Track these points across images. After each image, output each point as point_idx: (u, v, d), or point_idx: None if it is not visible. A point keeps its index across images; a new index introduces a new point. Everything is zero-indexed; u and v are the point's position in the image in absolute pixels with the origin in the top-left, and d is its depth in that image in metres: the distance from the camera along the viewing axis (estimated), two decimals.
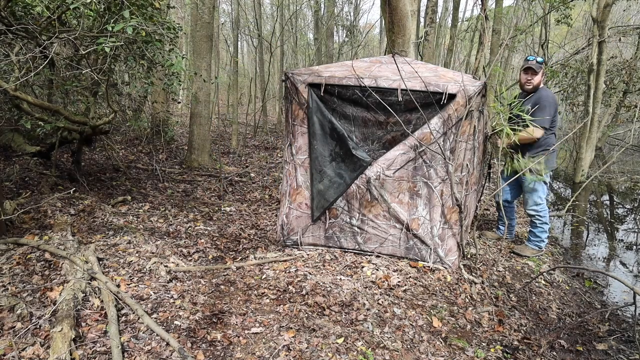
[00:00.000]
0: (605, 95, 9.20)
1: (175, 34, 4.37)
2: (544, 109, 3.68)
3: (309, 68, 3.86)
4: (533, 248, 4.15)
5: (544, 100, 3.72)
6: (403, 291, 3.23)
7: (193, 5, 7.23)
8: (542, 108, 3.68)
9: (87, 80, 4.88)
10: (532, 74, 3.77)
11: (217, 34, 14.87)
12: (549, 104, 3.71)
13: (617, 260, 4.78)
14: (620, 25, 10.74)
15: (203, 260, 3.71)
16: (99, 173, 6.08)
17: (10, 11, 3.62)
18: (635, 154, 10.64)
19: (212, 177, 6.76)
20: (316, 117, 3.62)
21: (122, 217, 4.37)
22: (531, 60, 3.78)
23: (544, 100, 3.72)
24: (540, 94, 3.78)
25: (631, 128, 9.18)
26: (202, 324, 2.70)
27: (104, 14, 3.95)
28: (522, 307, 3.27)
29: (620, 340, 2.97)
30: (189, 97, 10.20)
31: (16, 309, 2.55)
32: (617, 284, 3.94)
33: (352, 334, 2.67)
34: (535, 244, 4.14)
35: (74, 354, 2.27)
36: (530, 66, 3.76)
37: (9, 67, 4.24)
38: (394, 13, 4.25)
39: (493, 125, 3.79)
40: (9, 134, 5.58)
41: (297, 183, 3.82)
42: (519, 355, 2.66)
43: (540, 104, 3.71)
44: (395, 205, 3.58)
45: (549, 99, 3.73)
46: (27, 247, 3.30)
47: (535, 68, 3.73)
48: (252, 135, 11.94)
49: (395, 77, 3.44)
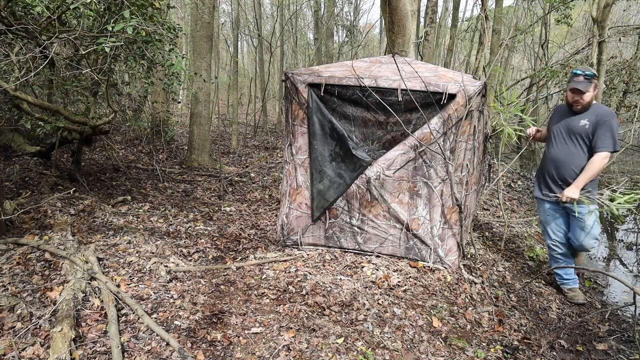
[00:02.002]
0: (605, 95, 9.20)
1: (175, 34, 4.38)
2: (608, 128, 3.06)
3: (309, 68, 3.86)
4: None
5: (604, 118, 3.08)
6: (403, 291, 3.23)
7: (193, 5, 7.23)
8: (606, 127, 3.06)
9: (87, 80, 4.88)
10: (580, 93, 3.14)
11: (217, 34, 14.87)
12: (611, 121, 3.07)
13: (617, 260, 4.78)
14: (620, 25, 10.73)
15: (203, 260, 3.71)
16: (99, 173, 6.08)
17: (10, 11, 3.62)
18: (635, 154, 10.64)
19: (212, 177, 6.76)
20: (316, 117, 3.62)
21: (122, 217, 4.37)
22: (578, 76, 3.13)
23: (604, 117, 3.08)
24: (598, 111, 3.15)
25: (631, 128, 9.17)
26: (202, 324, 2.70)
27: (104, 14, 3.95)
28: (522, 307, 3.27)
29: (620, 340, 2.97)
30: (189, 97, 10.20)
31: (16, 309, 2.55)
32: (617, 284, 3.94)
33: (352, 334, 2.67)
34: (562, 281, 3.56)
35: (74, 354, 2.27)
36: (576, 87, 3.12)
37: (9, 67, 4.24)
38: (394, 13, 4.25)
39: (493, 125, 3.78)
40: (9, 134, 5.58)
41: (297, 183, 3.82)
42: (519, 355, 2.66)
43: (601, 123, 3.08)
44: (395, 205, 3.57)
45: (609, 116, 3.09)
46: (27, 247, 3.30)
47: (582, 88, 3.10)
48: (252, 135, 11.94)
49: (395, 77, 3.44)
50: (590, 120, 3.14)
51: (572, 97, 3.20)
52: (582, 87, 3.10)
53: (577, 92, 3.15)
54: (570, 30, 14.60)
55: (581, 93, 3.13)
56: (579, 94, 3.14)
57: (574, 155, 3.21)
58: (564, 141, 3.28)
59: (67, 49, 5.27)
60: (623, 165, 9.58)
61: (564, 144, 3.28)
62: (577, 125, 3.20)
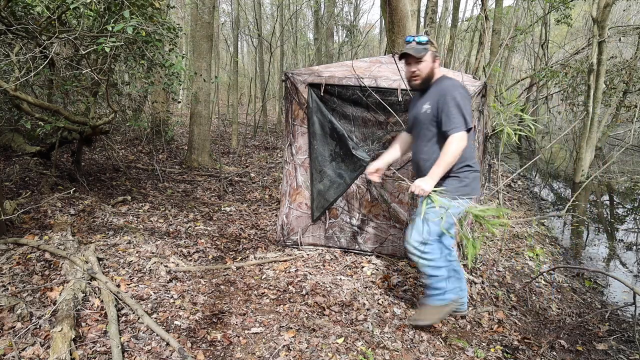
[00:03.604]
0: (605, 95, 9.20)
1: (175, 34, 4.37)
2: (452, 104, 2.42)
3: (309, 68, 3.86)
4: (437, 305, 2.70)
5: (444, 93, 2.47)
6: (403, 291, 3.23)
7: (193, 5, 7.23)
8: (449, 103, 2.43)
9: (87, 80, 4.88)
10: (416, 62, 2.53)
11: (217, 34, 14.87)
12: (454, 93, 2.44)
13: (617, 260, 4.78)
14: (620, 25, 10.74)
15: (203, 260, 3.71)
16: (99, 173, 6.08)
17: (10, 11, 3.62)
18: (635, 154, 10.64)
19: (212, 177, 6.76)
20: (316, 117, 3.62)
21: (122, 217, 4.37)
22: (409, 42, 2.54)
23: (444, 92, 2.47)
24: (438, 88, 2.54)
25: (631, 128, 9.17)
26: (202, 324, 2.70)
27: (104, 14, 3.95)
28: (522, 307, 3.27)
29: (620, 340, 2.97)
30: (189, 97, 10.20)
31: (16, 309, 2.55)
32: (617, 284, 3.94)
33: (352, 334, 2.67)
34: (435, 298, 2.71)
35: (74, 354, 2.27)
36: (407, 52, 2.51)
37: (9, 67, 4.23)
38: (394, 13, 4.25)
39: (493, 125, 3.77)
40: (9, 134, 5.58)
41: (297, 183, 3.83)
42: (519, 355, 2.66)
43: (443, 102, 2.46)
44: (395, 205, 3.57)
45: (450, 89, 2.47)
46: (27, 247, 3.30)
47: (415, 54, 2.49)
48: (252, 135, 11.94)
49: (395, 77, 3.44)
50: (431, 103, 2.52)
51: (407, 70, 2.60)
52: (414, 51, 2.49)
53: (410, 61, 2.55)
54: (570, 30, 14.61)
55: (416, 61, 2.51)
56: (414, 62, 2.52)
57: (429, 152, 2.57)
58: (416, 136, 2.68)
59: (67, 49, 5.27)
60: (623, 166, 9.58)
61: (417, 140, 2.68)
62: (420, 113, 2.58)
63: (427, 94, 2.59)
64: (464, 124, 2.41)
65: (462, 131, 2.41)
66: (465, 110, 2.43)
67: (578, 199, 6.59)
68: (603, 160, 9.10)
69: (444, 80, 2.56)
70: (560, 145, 12.41)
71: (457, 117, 2.41)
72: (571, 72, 9.37)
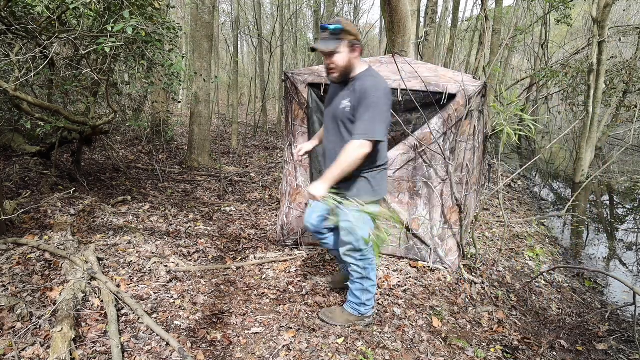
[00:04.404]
0: (605, 95, 9.21)
1: (175, 34, 4.37)
2: (368, 106, 2.22)
3: (309, 68, 3.86)
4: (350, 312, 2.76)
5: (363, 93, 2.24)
6: (403, 291, 3.23)
7: (193, 5, 7.23)
8: (365, 105, 2.22)
9: (87, 80, 4.88)
10: (329, 55, 2.28)
11: (217, 34, 14.88)
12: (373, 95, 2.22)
13: (617, 260, 4.78)
14: (620, 25, 10.74)
15: (203, 260, 3.71)
16: (99, 173, 6.08)
17: (10, 11, 3.62)
18: (635, 154, 10.64)
19: (212, 177, 6.76)
20: (316, 117, 3.62)
21: (122, 217, 4.37)
22: (324, 31, 2.27)
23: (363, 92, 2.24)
24: (360, 84, 2.28)
25: (631, 128, 9.18)
26: (202, 324, 2.70)
27: (104, 14, 3.95)
28: (522, 307, 3.27)
29: (620, 340, 2.97)
30: (189, 97, 10.20)
31: (16, 309, 2.55)
32: (617, 284, 3.94)
33: (352, 334, 2.67)
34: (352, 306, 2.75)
35: (74, 354, 2.27)
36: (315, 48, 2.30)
37: (9, 67, 4.23)
38: (394, 13, 4.26)
39: (493, 125, 3.78)
40: (9, 134, 5.58)
41: (297, 183, 3.82)
42: (519, 355, 2.66)
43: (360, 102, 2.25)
44: (395, 205, 3.57)
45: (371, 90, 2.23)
46: (27, 247, 3.30)
47: (325, 49, 2.26)
48: (252, 135, 11.94)
49: (395, 77, 3.44)
50: (351, 99, 2.30)
51: (325, 62, 2.37)
52: (324, 46, 2.24)
53: (325, 54, 2.30)
54: (570, 30, 14.61)
55: (330, 55, 2.27)
56: (328, 56, 2.28)
57: (337, 149, 2.39)
58: (328, 128, 2.52)
59: (67, 49, 5.27)
60: (623, 166, 9.58)
61: (328, 133, 2.52)
62: (339, 109, 2.38)
63: (348, 89, 2.35)
64: (372, 134, 2.21)
65: (365, 140, 2.22)
66: (379, 118, 2.22)
67: (578, 199, 6.59)
68: (603, 160, 9.10)
69: (366, 78, 2.30)
70: (560, 145, 12.41)
71: (367, 125, 2.22)
72: (571, 72, 9.38)
